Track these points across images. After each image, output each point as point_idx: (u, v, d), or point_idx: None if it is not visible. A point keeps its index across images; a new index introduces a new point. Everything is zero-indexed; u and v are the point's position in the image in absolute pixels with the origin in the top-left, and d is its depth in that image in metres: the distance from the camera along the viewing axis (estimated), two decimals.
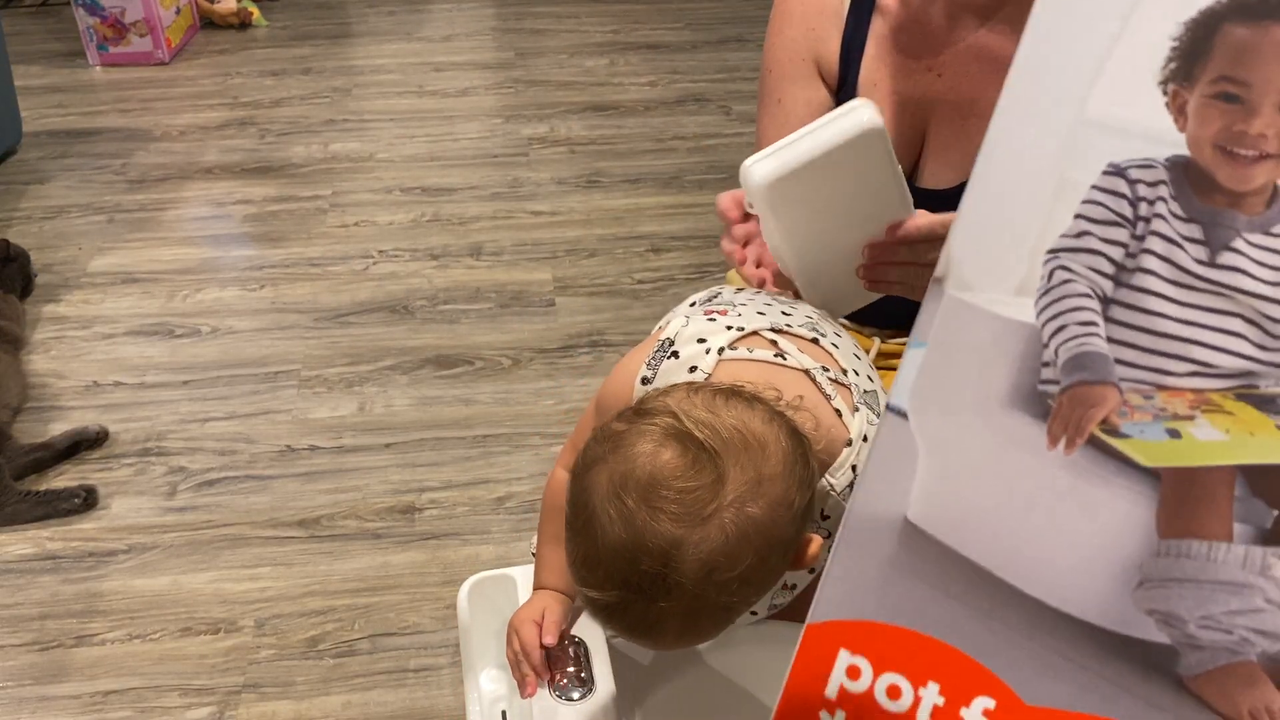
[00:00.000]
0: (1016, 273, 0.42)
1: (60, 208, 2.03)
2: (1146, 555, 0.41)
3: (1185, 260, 0.41)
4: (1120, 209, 0.41)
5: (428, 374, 1.61)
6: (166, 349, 1.65)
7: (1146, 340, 0.41)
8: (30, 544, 1.31)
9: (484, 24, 2.98)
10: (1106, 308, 0.41)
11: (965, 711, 0.42)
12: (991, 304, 0.43)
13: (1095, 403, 0.41)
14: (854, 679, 0.44)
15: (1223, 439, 0.40)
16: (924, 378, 0.43)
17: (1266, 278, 0.40)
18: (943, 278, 0.42)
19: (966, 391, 0.43)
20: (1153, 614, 0.40)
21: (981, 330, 0.43)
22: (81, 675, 1.15)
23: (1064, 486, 0.41)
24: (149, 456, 1.44)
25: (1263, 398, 0.40)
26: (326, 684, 1.14)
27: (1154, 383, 0.41)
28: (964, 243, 0.42)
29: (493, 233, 1.98)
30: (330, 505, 1.37)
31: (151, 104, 2.46)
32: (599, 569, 0.61)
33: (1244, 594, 0.40)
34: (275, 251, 1.91)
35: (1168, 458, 0.40)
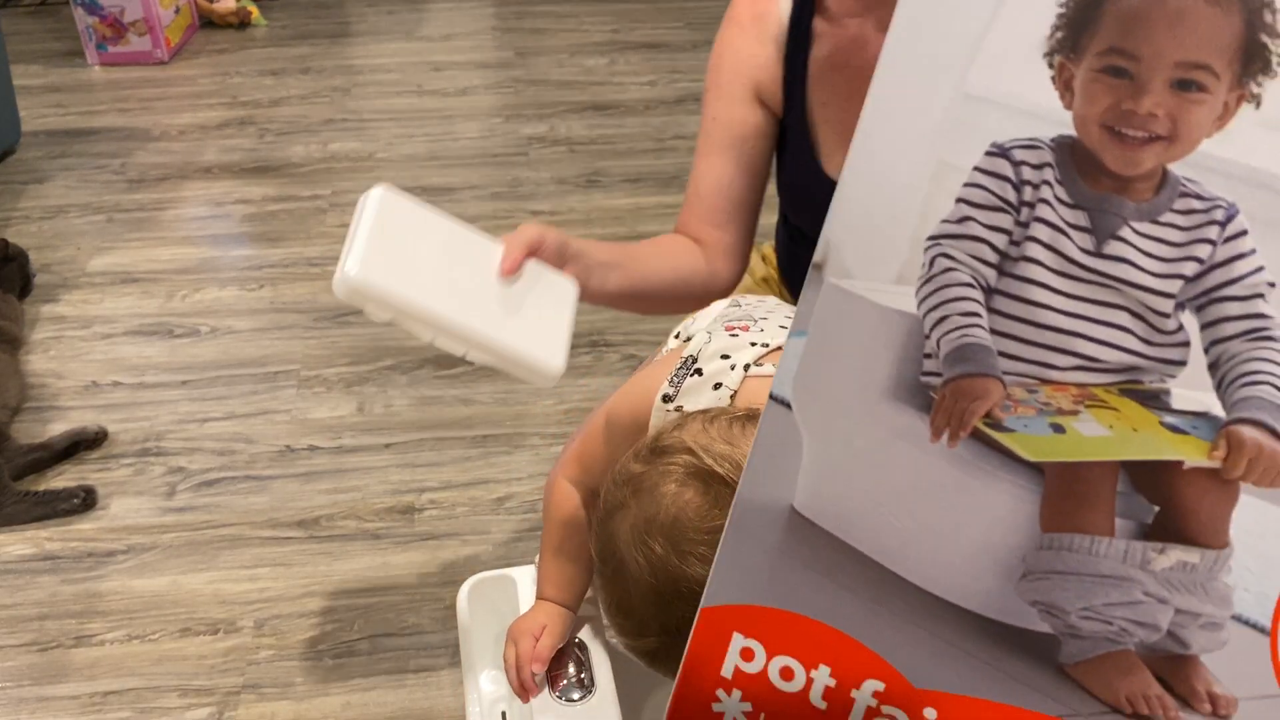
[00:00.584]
0: (897, 260, 0.41)
1: (59, 207, 2.03)
2: (1030, 548, 0.40)
3: (1071, 249, 0.40)
4: (1004, 193, 0.40)
5: (427, 374, 1.61)
6: (165, 349, 1.65)
7: (1030, 333, 0.40)
8: (29, 544, 1.30)
9: (484, 23, 2.98)
10: (989, 298, 0.40)
11: (856, 693, 0.42)
12: (871, 292, 0.42)
13: (978, 396, 0.40)
14: (748, 660, 0.44)
15: (1106, 434, 0.39)
16: (805, 368, 0.42)
17: (1153, 269, 0.39)
18: (821, 264, 0.41)
19: (847, 382, 0.42)
20: (1036, 604, 0.41)
21: (861, 320, 0.41)
22: (81, 676, 1.15)
23: (947, 479, 0.41)
24: (148, 457, 1.44)
25: (1147, 393, 0.40)
26: (326, 684, 1.14)
27: (1038, 376, 0.40)
28: (842, 228, 0.41)
29: (492, 232, 1.97)
30: (329, 505, 1.36)
31: (150, 103, 2.46)
32: (634, 616, 0.61)
33: (1124, 587, 0.40)
34: (274, 251, 1.91)
35: (1051, 452, 0.39)
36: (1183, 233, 0.39)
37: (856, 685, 0.42)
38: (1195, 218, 0.39)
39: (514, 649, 0.82)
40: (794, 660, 0.43)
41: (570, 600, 0.85)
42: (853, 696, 0.42)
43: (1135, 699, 0.39)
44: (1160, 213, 0.39)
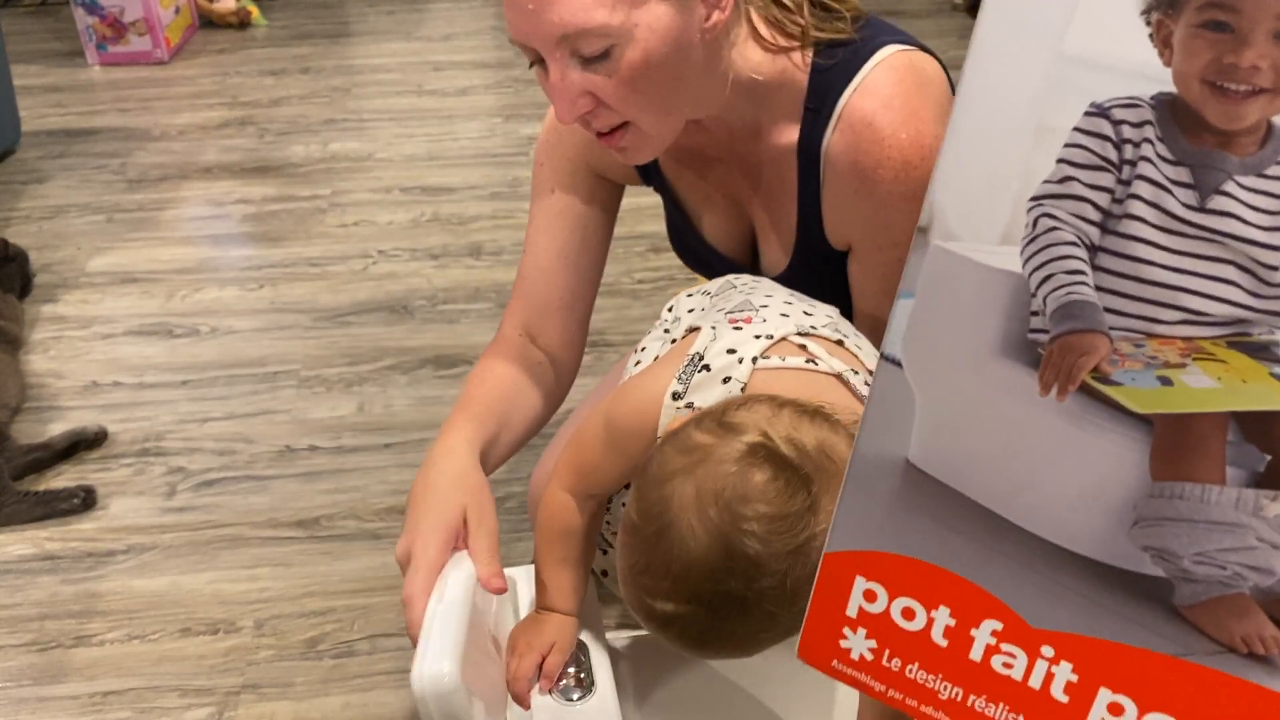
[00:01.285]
0: (1000, 221, 0.41)
1: (59, 207, 2.03)
2: (1141, 496, 0.41)
3: (1174, 206, 0.39)
4: (1104, 152, 0.40)
5: (427, 374, 1.61)
6: (165, 349, 1.65)
7: (1135, 288, 0.40)
8: (29, 544, 1.30)
9: (484, 23, 2.98)
10: (1094, 256, 0.40)
11: (975, 632, 0.44)
12: (977, 253, 0.42)
13: (1085, 351, 0.40)
14: (871, 601, 0.46)
15: (1215, 386, 0.39)
16: (914, 328, 0.43)
17: (1260, 222, 0.39)
18: (927, 227, 0.41)
19: (956, 341, 0.43)
20: (1148, 550, 0.41)
21: (968, 280, 0.42)
22: (80, 676, 1.14)
23: (1058, 432, 0.41)
24: (148, 457, 1.44)
25: (1255, 345, 0.40)
26: (326, 685, 1.14)
27: (1144, 331, 0.40)
28: (945, 191, 0.41)
29: (492, 232, 1.98)
30: (330, 505, 1.36)
31: (150, 103, 2.46)
32: (668, 579, 0.61)
33: (1237, 533, 0.40)
34: (274, 251, 1.91)
35: (1160, 404, 0.40)
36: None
37: (975, 625, 0.44)
38: None
39: (518, 662, 0.81)
40: (914, 601, 0.45)
41: (576, 608, 0.84)
42: (972, 635, 0.44)
43: (1250, 639, 0.40)
44: (1266, 166, 0.38)
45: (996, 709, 0.45)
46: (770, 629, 0.62)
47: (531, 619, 0.85)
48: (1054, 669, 0.43)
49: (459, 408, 0.93)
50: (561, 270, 1.00)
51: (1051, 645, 0.43)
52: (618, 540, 0.66)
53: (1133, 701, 0.42)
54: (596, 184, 1.00)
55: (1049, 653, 0.43)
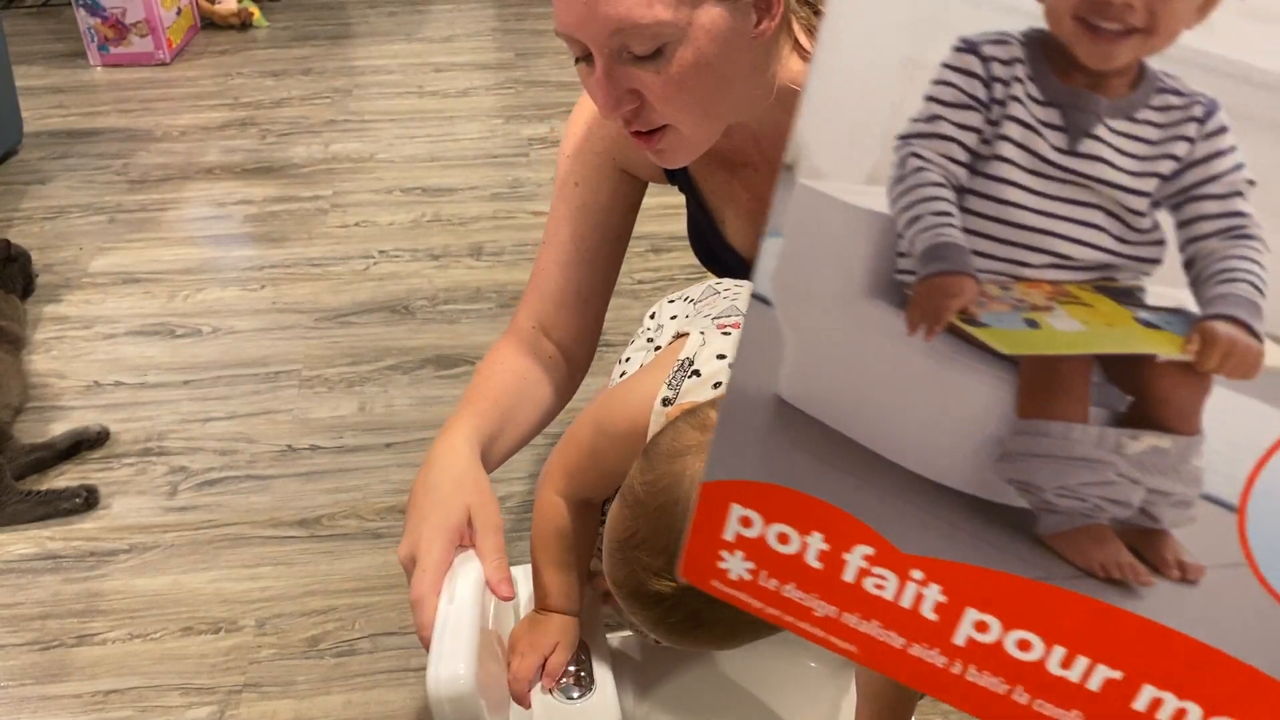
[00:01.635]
0: (868, 160, 0.40)
1: (61, 208, 2.03)
2: (1006, 432, 0.41)
3: (1043, 148, 0.39)
4: (973, 90, 0.39)
5: (428, 374, 1.61)
6: (167, 349, 1.65)
7: (1003, 231, 0.39)
8: (31, 544, 1.31)
9: (484, 24, 2.99)
10: (962, 197, 0.40)
11: (847, 556, 0.45)
12: (844, 193, 0.41)
13: (952, 293, 0.40)
14: (746, 527, 0.47)
15: (1080, 330, 0.40)
16: (782, 268, 0.42)
17: (1128, 167, 0.38)
18: (793, 165, 0.40)
19: (825, 281, 0.43)
20: (1013, 483, 0.42)
21: (835, 220, 0.42)
22: (82, 674, 1.15)
23: (926, 371, 0.42)
24: (150, 456, 1.44)
25: (1121, 290, 0.40)
26: (327, 683, 1.14)
27: (1011, 274, 0.40)
28: (811, 128, 0.40)
29: (493, 233, 1.98)
30: (331, 505, 1.37)
31: (152, 104, 2.47)
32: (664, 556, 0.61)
33: (1098, 469, 0.41)
34: (276, 251, 1.91)
35: (1025, 346, 0.40)
36: (1160, 130, 0.38)
37: (848, 550, 0.45)
38: (1173, 114, 0.38)
39: (520, 661, 0.81)
40: (788, 527, 0.46)
41: (577, 608, 0.85)
42: (844, 559, 0.45)
43: (1108, 565, 0.41)
44: (1136, 109, 0.38)
45: (869, 625, 0.46)
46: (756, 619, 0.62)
47: (532, 619, 0.85)
48: (923, 590, 0.44)
49: (465, 401, 0.92)
50: (579, 265, 0.99)
51: (920, 569, 0.44)
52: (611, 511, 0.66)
53: (998, 620, 0.43)
54: (621, 181, 0.99)
55: (918, 576, 0.44)
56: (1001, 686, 0.45)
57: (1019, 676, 0.44)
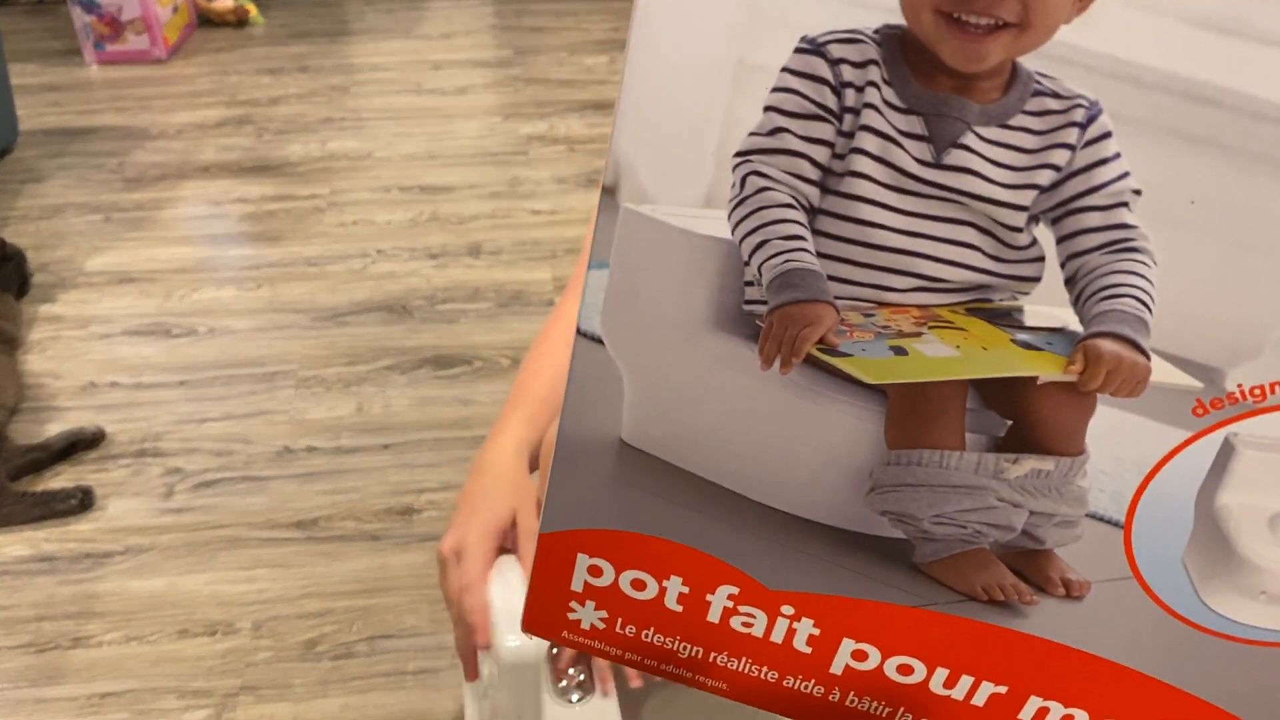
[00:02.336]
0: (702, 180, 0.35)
1: (57, 207, 2.02)
2: (876, 464, 0.39)
3: (905, 161, 0.35)
4: (821, 98, 0.34)
5: (426, 374, 1.60)
6: (163, 349, 1.64)
7: (864, 254, 0.36)
8: (26, 545, 1.30)
9: (483, 21, 2.98)
10: (814, 218, 0.36)
11: (711, 597, 0.42)
12: (676, 218, 0.37)
13: (809, 322, 0.36)
14: (596, 576, 0.43)
15: (953, 355, 0.37)
16: (611, 302, 0.38)
17: (1002, 179, 0.35)
18: (613, 187, 0.35)
19: (662, 315, 0.39)
20: (886, 514, 0.40)
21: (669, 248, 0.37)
22: (78, 677, 1.14)
23: (781, 405, 0.38)
24: (145, 457, 1.43)
25: (997, 311, 0.38)
26: (324, 686, 1.13)
27: (875, 299, 0.36)
28: (632, 144, 0.34)
29: (492, 232, 1.97)
30: (328, 506, 1.36)
31: (148, 102, 2.46)
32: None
33: (976, 495, 0.39)
34: (272, 251, 1.90)
35: (893, 374, 0.37)
36: (1037, 137, 0.35)
37: (711, 591, 0.42)
38: (1051, 119, 0.34)
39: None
40: (643, 573, 0.42)
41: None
42: (708, 600, 0.42)
43: (991, 588, 0.39)
44: (1010, 115, 0.34)
45: (739, 662, 0.44)
46: None
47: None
48: (795, 625, 0.42)
49: (512, 402, 0.91)
50: None
51: (791, 604, 0.41)
52: None
53: (876, 649, 0.41)
54: None
55: (789, 611, 0.41)
56: (885, 710, 0.43)
57: (901, 700, 0.42)
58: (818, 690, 0.43)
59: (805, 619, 0.41)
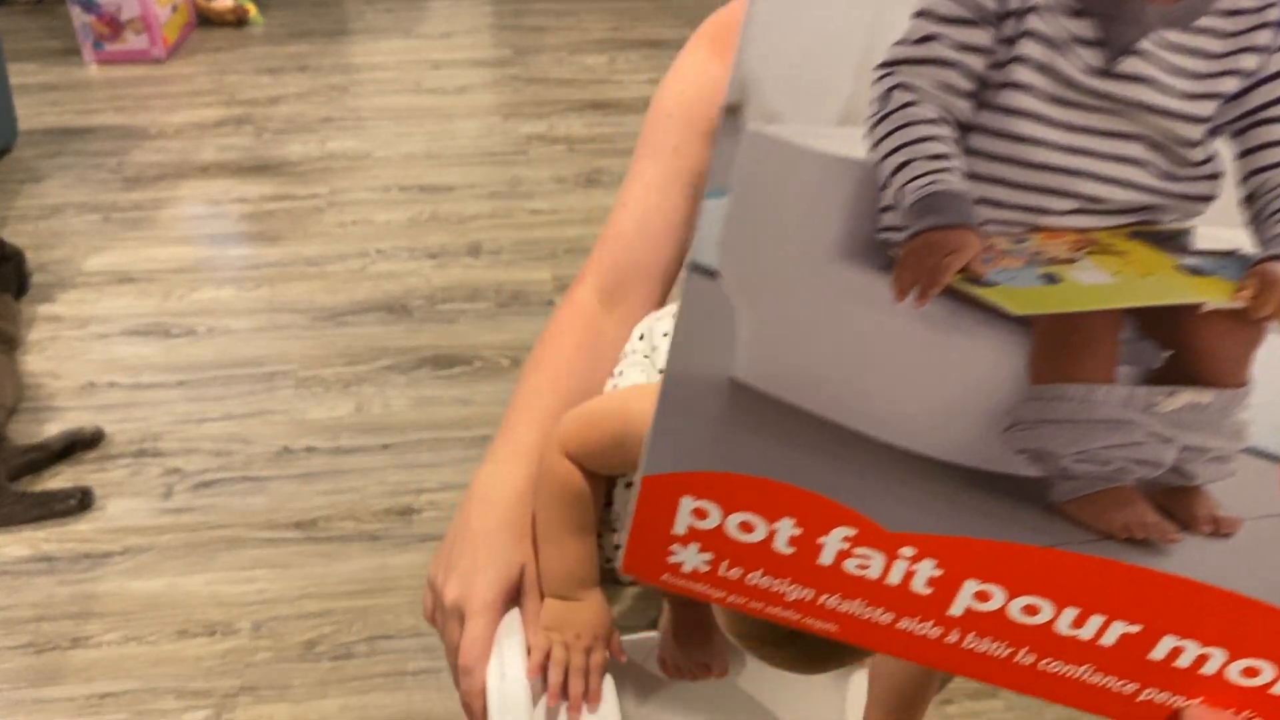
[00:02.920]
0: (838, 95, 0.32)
1: (56, 206, 2.02)
2: (1016, 400, 0.36)
3: (1071, 70, 0.32)
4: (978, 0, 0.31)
5: (426, 374, 1.60)
6: (162, 349, 1.64)
7: (1019, 174, 0.33)
8: (25, 545, 1.30)
9: (482, 21, 2.97)
10: (965, 135, 0.33)
11: (824, 539, 0.40)
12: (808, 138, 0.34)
13: (951, 249, 0.33)
14: (702, 519, 0.41)
15: (1109, 282, 0.34)
16: (730, 232, 0.35)
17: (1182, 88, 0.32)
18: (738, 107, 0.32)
19: (786, 245, 0.36)
20: (1024, 453, 0.37)
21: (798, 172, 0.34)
22: (77, 678, 1.14)
23: (917, 340, 0.36)
24: (145, 457, 1.43)
25: (1162, 235, 0.34)
26: (324, 686, 1.13)
27: (1028, 223, 0.34)
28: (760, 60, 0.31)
29: (491, 231, 1.97)
30: (327, 506, 1.36)
31: (147, 102, 2.45)
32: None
33: (1124, 429, 0.36)
34: (272, 250, 1.90)
35: (1042, 305, 0.35)
36: (1224, 40, 0.32)
37: (824, 533, 0.40)
38: (1242, 20, 0.31)
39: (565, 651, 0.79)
40: (754, 516, 0.41)
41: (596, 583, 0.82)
42: (820, 543, 0.40)
43: (1132, 527, 0.37)
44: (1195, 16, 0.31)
45: (851, 604, 0.42)
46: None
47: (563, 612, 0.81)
48: (915, 566, 0.40)
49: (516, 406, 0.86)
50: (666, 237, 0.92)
51: (912, 546, 0.39)
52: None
53: (1002, 589, 0.39)
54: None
55: (909, 553, 0.39)
56: (1004, 651, 0.41)
57: (1024, 640, 0.41)
58: (934, 632, 0.42)
59: (926, 560, 0.40)
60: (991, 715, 1.10)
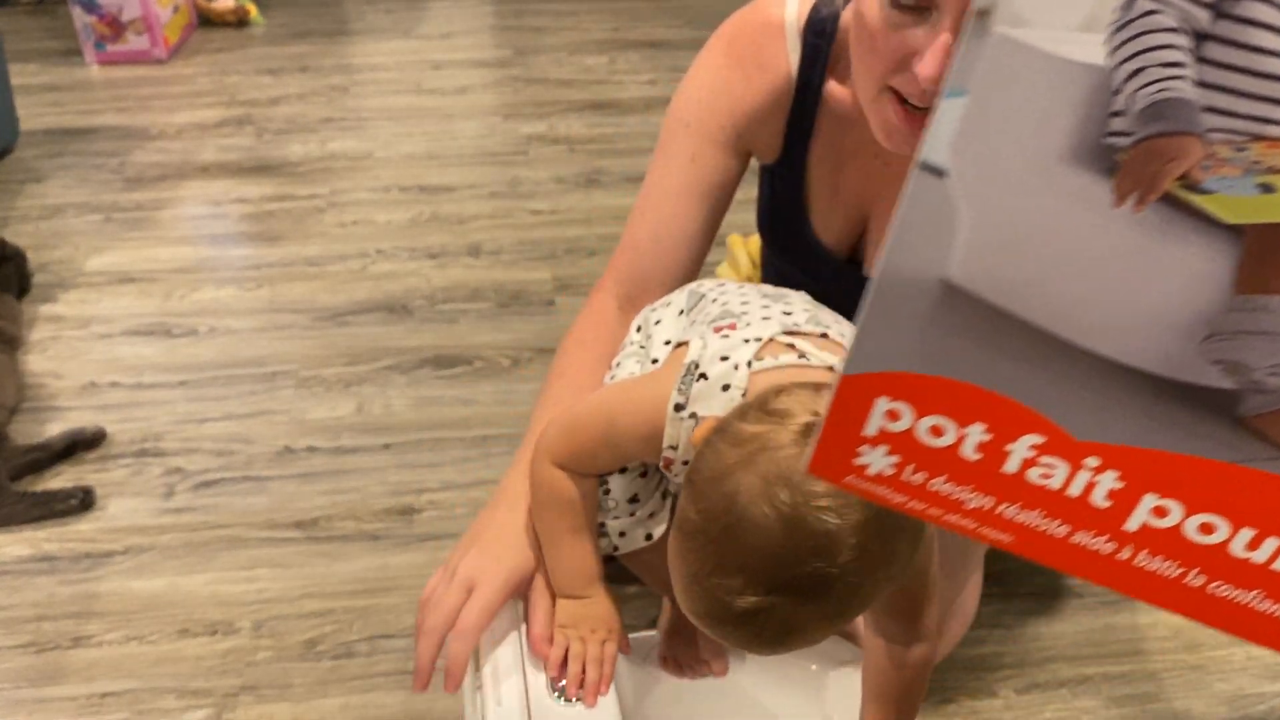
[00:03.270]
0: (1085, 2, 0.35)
1: (57, 207, 2.02)
2: (1218, 310, 0.37)
3: None
4: None
5: (426, 374, 1.60)
6: (163, 349, 1.64)
7: (1248, 83, 0.34)
8: (26, 545, 1.30)
9: (483, 21, 2.98)
10: (1200, 44, 0.34)
11: (1012, 446, 0.42)
12: (1050, 42, 0.36)
13: (1174, 156, 0.34)
14: (894, 420, 0.43)
15: None
16: (966, 131, 0.37)
17: None
18: (988, 10, 0.35)
19: (1019, 146, 0.38)
20: (1219, 364, 0.38)
21: (1037, 75, 0.36)
22: (78, 677, 1.14)
23: (1129, 244, 0.37)
24: (146, 457, 1.43)
25: None
26: (324, 686, 1.13)
27: (1251, 132, 0.34)
28: None
29: (492, 231, 1.97)
30: (328, 506, 1.36)
31: (148, 102, 2.46)
32: (742, 574, 0.60)
33: None
34: (273, 251, 1.90)
35: (1257, 214, 0.36)
36: None
37: (1013, 439, 0.42)
38: None
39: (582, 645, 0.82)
40: (945, 418, 0.43)
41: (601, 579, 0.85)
42: (1008, 450, 0.42)
43: None
44: None
45: (1029, 515, 0.43)
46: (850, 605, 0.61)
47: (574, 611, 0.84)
48: (1097, 478, 0.41)
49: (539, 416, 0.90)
50: (682, 246, 0.95)
51: (1097, 456, 0.41)
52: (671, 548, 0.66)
53: (1180, 504, 0.41)
54: (737, 159, 0.95)
55: (1093, 463, 0.41)
56: (1174, 570, 0.42)
57: (1196, 560, 0.41)
58: (1107, 547, 0.43)
59: (1109, 471, 0.41)
60: (991, 715, 1.10)
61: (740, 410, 0.66)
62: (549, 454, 0.82)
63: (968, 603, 1.11)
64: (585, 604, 0.84)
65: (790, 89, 0.93)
